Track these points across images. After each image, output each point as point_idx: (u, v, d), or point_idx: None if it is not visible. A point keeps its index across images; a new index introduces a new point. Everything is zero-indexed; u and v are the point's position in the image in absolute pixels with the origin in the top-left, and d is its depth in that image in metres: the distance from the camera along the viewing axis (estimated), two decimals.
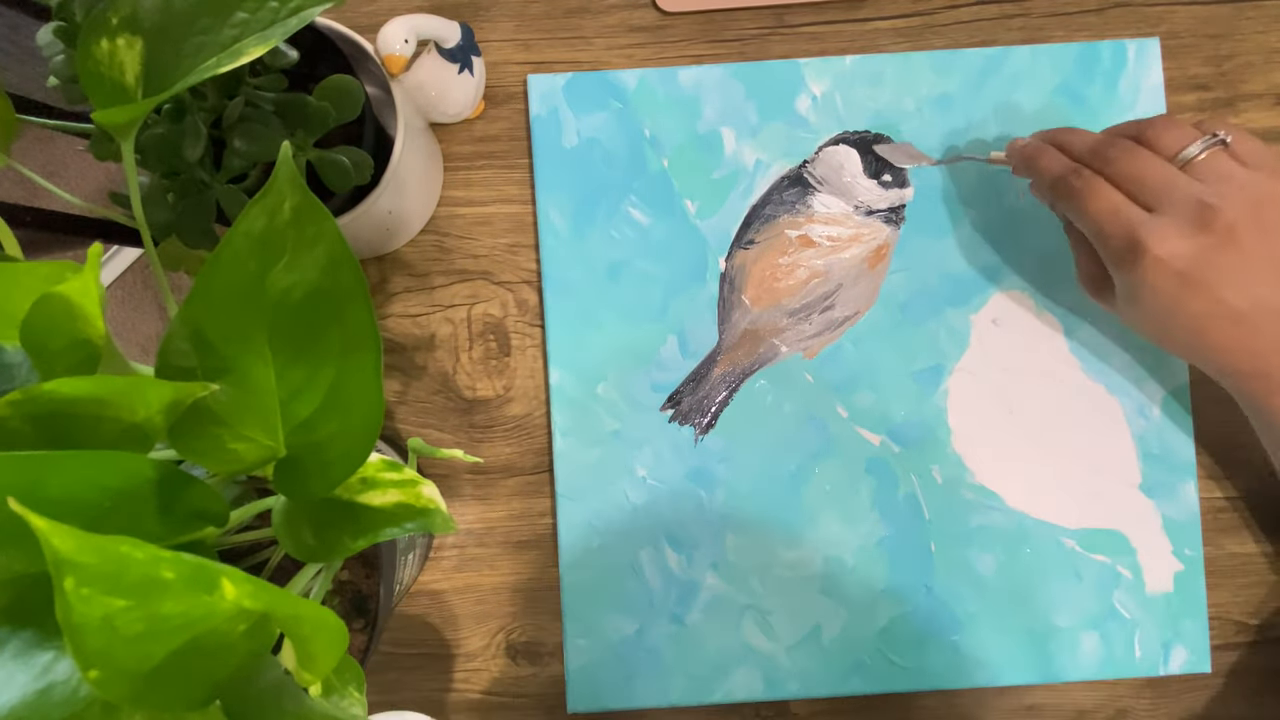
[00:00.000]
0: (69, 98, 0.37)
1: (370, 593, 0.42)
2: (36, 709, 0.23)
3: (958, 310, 0.51)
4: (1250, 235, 0.39)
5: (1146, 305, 0.41)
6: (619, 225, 0.51)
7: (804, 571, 0.50)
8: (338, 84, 0.39)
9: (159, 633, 0.21)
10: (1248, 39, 0.52)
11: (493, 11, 0.53)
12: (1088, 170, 0.42)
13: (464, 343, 0.52)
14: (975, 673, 0.50)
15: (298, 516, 0.31)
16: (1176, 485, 0.50)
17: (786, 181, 0.51)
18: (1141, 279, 0.40)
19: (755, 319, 0.51)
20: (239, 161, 0.38)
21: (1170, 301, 0.40)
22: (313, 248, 0.27)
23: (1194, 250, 0.39)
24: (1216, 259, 0.39)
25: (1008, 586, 0.50)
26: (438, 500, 0.31)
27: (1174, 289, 0.40)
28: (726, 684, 0.50)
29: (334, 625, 0.25)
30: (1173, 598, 0.50)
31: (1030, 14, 0.52)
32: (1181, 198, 0.40)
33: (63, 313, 0.24)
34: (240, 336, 0.28)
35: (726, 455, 0.51)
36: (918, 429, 0.51)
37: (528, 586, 0.52)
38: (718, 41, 0.52)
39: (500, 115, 0.52)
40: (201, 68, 0.30)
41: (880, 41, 0.52)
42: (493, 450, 0.52)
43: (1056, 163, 0.43)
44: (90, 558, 0.20)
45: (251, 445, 0.29)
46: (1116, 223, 0.40)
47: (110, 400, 0.24)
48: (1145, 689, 0.51)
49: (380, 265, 0.52)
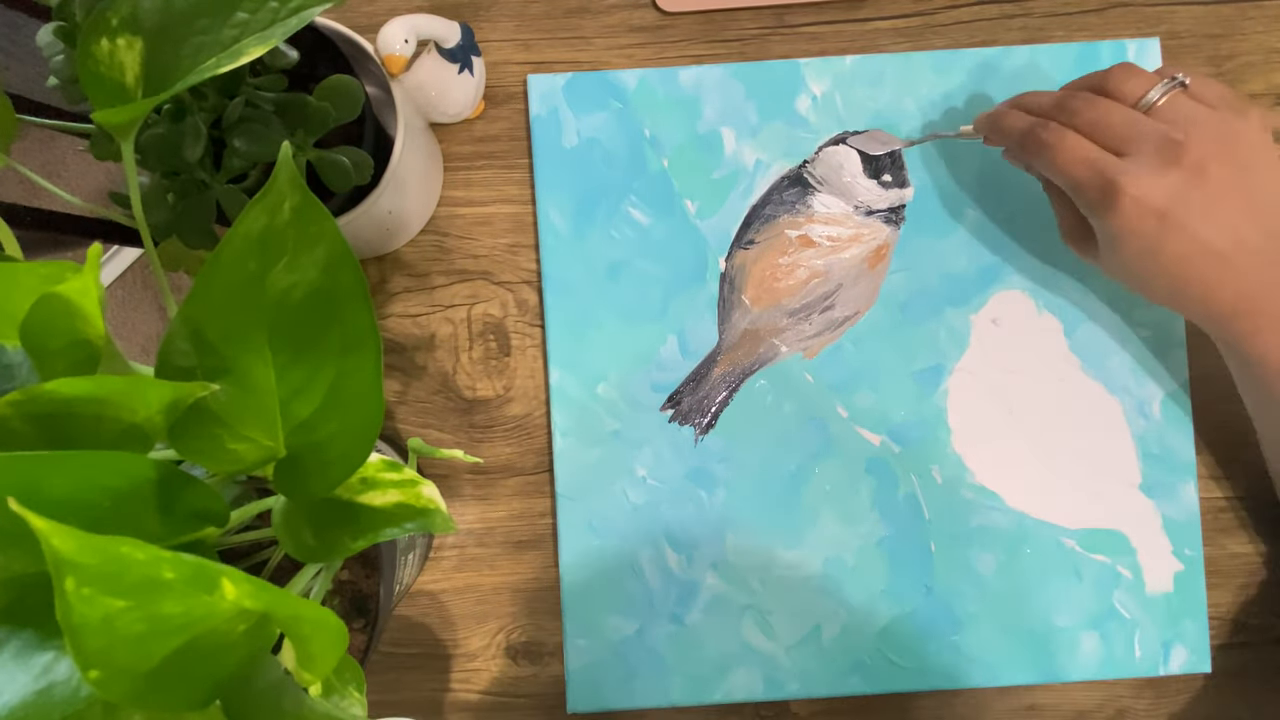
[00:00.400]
0: (69, 98, 0.37)
1: (370, 593, 0.42)
2: (36, 709, 0.23)
3: (958, 310, 0.51)
4: (1220, 170, 0.39)
5: (1128, 250, 0.41)
6: (619, 225, 0.51)
7: (804, 571, 0.50)
8: (338, 84, 0.39)
9: (159, 633, 0.21)
10: (1248, 39, 0.52)
11: (493, 11, 0.53)
12: (1054, 123, 0.42)
13: (464, 343, 0.52)
14: (975, 673, 0.50)
15: (298, 516, 0.31)
16: (1176, 485, 0.50)
17: (786, 181, 0.51)
18: (1120, 223, 0.40)
19: (755, 319, 0.51)
20: (239, 161, 0.38)
21: (1151, 243, 0.40)
22: (313, 248, 0.27)
23: (1168, 187, 0.39)
24: (1190, 196, 0.39)
25: (1008, 586, 0.50)
26: (438, 500, 0.31)
27: (1153, 229, 0.40)
28: (726, 684, 0.50)
29: (334, 625, 0.25)
30: (1173, 598, 0.50)
31: (1030, 14, 0.52)
32: (1149, 138, 0.40)
33: (63, 313, 0.24)
34: (240, 336, 0.28)
35: (726, 455, 0.51)
36: (918, 429, 0.51)
37: (528, 586, 0.52)
38: (718, 41, 0.52)
39: (500, 115, 0.52)
40: (201, 68, 0.30)
41: (880, 41, 0.52)
42: (493, 450, 0.52)
43: (1021, 120, 0.44)
44: (90, 558, 0.20)
45: (251, 445, 0.29)
46: (1089, 170, 0.41)
47: (110, 400, 0.24)
48: (1145, 689, 0.51)
49: (380, 265, 0.52)
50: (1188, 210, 0.39)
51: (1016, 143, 0.44)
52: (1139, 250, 0.41)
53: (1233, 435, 0.51)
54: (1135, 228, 0.40)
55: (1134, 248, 0.41)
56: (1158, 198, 0.39)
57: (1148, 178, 0.39)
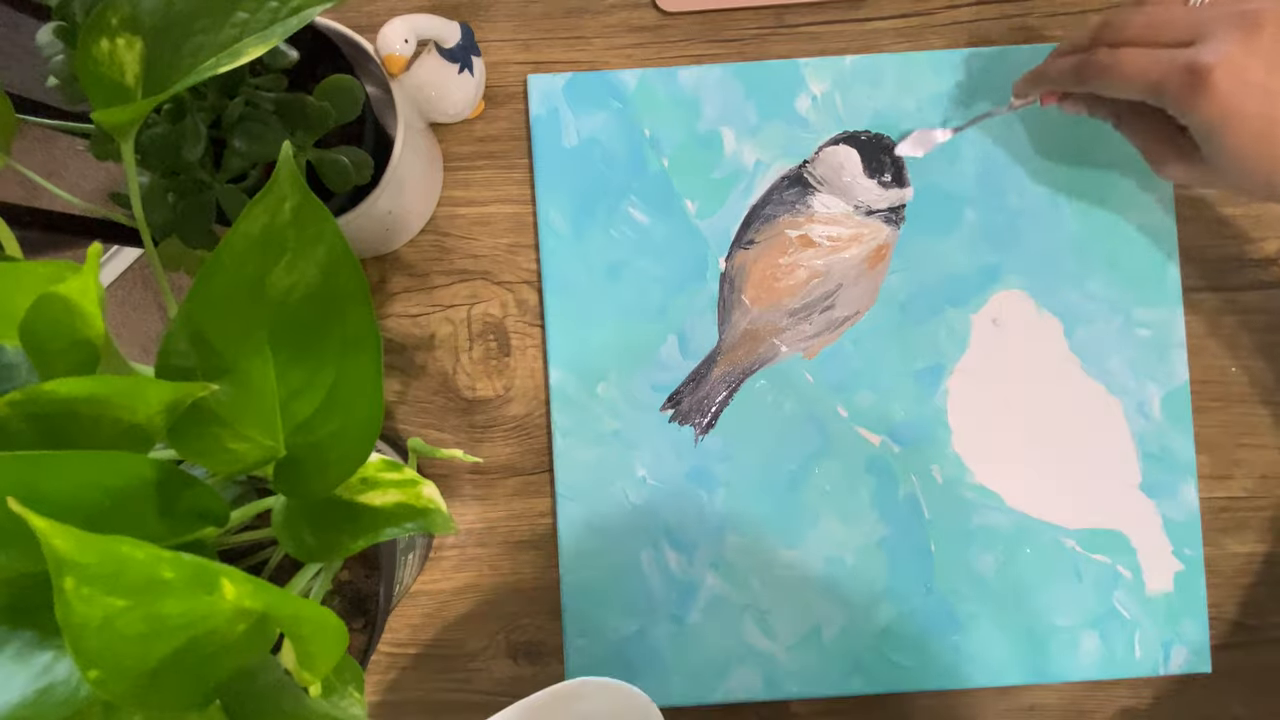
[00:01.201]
0: (69, 98, 0.37)
1: (370, 593, 0.42)
2: (36, 709, 0.23)
3: (958, 310, 0.51)
4: None
5: (1239, 139, 0.37)
6: (619, 225, 0.51)
7: (804, 571, 0.50)
8: (338, 84, 0.39)
9: (159, 633, 0.21)
10: None
11: (493, 11, 0.53)
12: (1103, 47, 0.40)
13: (464, 343, 0.52)
14: (975, 673, 0.50)
15: (298, 516, 0.31)
16: (1176, 485, 0.50)
17: (786, 181, 0.51)
18: (1219, 107, 0.36)
19: (755, 319, 0.51)
20: (239, 161, 0.38)
21: (1264, 124, 0.36)
22: (313, 248, 0.27)
23: (1260, 53, 0.36)
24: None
25: (1008, 586, 0.50)
26: (438, 500, 0.31)
27: (1260, 107, 0.36)
28: (726, 684, 0.50)
29: (334, 625, 0.25)
30: (1173, 598, 0.50)
31: (1030, 14, 0.52)
32: (1219, 18, 0.37)
33: (63, 313, 0.24)
34: (240, 336, 0.28)
35: (726, 455, 0.51)
36: (918, 429, 0.51)
37: (528, 586, 0.52)
38: (718, 41, 0.52)
39: (500, 115, 0.52)
40: (201, 68, 0.30)
41: (880, 41, 0.52)
42: (493, 450, 0.52)
43: (1069, 58, 0.41)
44: (90, 558, 0.20)
45: (251, 445, 0.29)
46: (1166, 66, 0.37)
47: (110, 400, 0.24)
48: (1145, 689, 0.51)
49: (380, 265, 0.52)
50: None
51: (1072, 79, 0.41)
52: (1253, 134, 0.37)
53: (1233, 435, 0.51)
54: (1239, 108, 0.36)
55: (1245, 133, 0.37)
56: (1255, 69, 0.36)
57: (1237, 50, 0.36)
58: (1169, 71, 0.38)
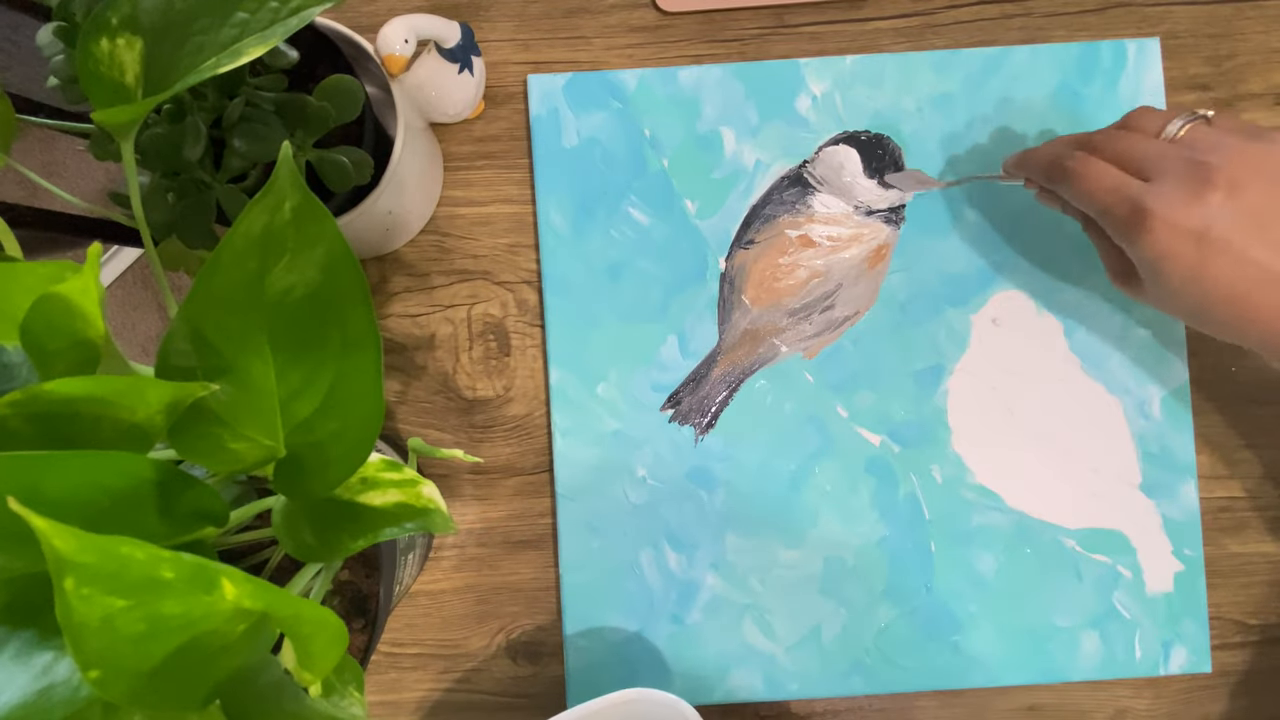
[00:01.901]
0: (69, 98, 0.37)
1: (370, 593, 0.42)
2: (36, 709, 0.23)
3: (958, 310, 0.51)
4: (1258, 185, 0.38)
5: (1171, 278, 0.39)
6: (619, 225, 0.51)
7: (804, 571, 0.50)
8: (338, 84, 0.39)
9: (159, 633, 0.21)
10: (1248, 39, 0.52)
11: (493, 11, 0.53)
12: (1079, 152, 0.42)
13: (464, 343, 0.52)
14: (975, 673, 0.50)
15: (298, 516, 0.31)
16: (1176, 485, 0.50)
17: (786, 181, 0.51)
18: (1154, 248, 0.39)
19: (755, 319, 0.51)
20: (239, 161, 0.38)
21: (1194, 268, 0.38)
22: (313, 248, 0.27)
23: (1202, 208, 0.38)
24: (1230, 213, 0.37)
25: (1008, 586, 0.50)
26: (438, 500, 0.31)
27: (1192, 253, 0.38)
28: (726, 684, 0.50)
29: (334, 625, 0.25)
30: (1173, 598, 0.50)
31: (1030, 14, 0.52)
32: (1175, 161, 0.39)
33: (63, 313, 0.24)
34: (240, 336, 0.28)
35: (726, 455, 0.51)
36: (918, 429, 0.51)
37: (528, 586, 0.52)
38: (718, 41, 0.52)
39: (500, 115, 0.52)
40: (201, 68, 0.30)
41: (880, 41, 0.52)
42: (493, 450, 0.52)
43: (1047, 152, 0.43)
44: (90, 558, 0.20)
45: (251, 445, 0.29)
46: (1116, 195, 0.40)
47: (110, 400, 0.24)
48: (1145, 689, 0.51)
49: (380, 265, 0.52)
50: (1231, 230, 0.38)
51: (1043, 173, 0.43)
52: (1182, 277, 0.39)
53: (1233, 435, 0.51)
54: (1171, 251, 0.38)
55: (1176, 274, 0.39)
56: (1191, 219, 0.38)
57: (1179, 200, 0.38)
58: (1116, 202, 0.40)
